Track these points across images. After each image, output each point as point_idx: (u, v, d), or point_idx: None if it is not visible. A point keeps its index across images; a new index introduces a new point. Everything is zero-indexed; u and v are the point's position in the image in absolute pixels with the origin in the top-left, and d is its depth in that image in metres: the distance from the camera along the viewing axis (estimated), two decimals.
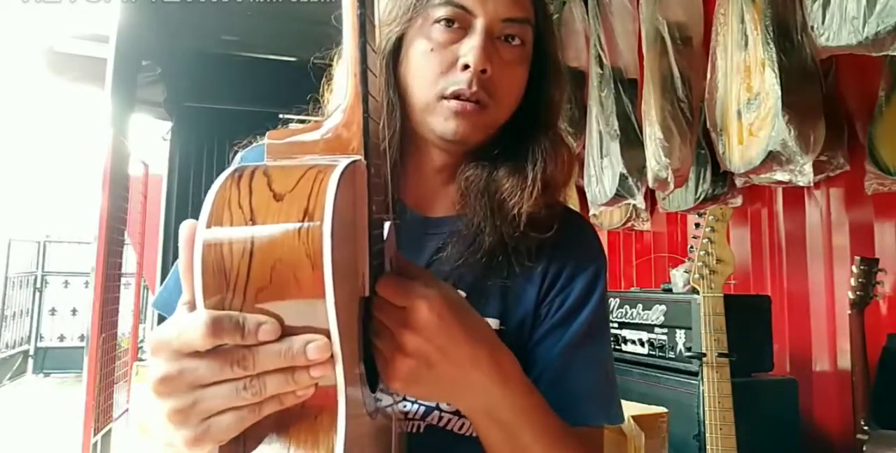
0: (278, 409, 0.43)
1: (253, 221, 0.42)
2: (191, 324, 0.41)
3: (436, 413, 0.72)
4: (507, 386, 0.60)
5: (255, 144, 0.78)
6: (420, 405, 0.72)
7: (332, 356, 0.42)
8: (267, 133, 0.50)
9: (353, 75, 0.49)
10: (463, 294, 0.72)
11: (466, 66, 0.70)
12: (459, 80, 0.70)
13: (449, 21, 0.71)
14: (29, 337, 7.39)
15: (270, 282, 0.41)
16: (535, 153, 0.76)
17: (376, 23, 0.53)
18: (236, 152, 0.79)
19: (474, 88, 0.70)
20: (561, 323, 0.75)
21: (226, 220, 0.42)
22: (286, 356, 0.41)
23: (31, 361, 7.33)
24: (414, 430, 0.72)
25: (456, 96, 0.70)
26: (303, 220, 0.41)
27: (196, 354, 0.42)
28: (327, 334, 0.42)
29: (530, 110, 0.78)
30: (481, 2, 0.71)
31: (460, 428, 0.72)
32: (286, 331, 0.42)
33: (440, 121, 0.72)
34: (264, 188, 0.43)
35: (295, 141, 0.50)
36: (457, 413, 0.72)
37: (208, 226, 0.42)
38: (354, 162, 0.47)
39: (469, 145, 0.75)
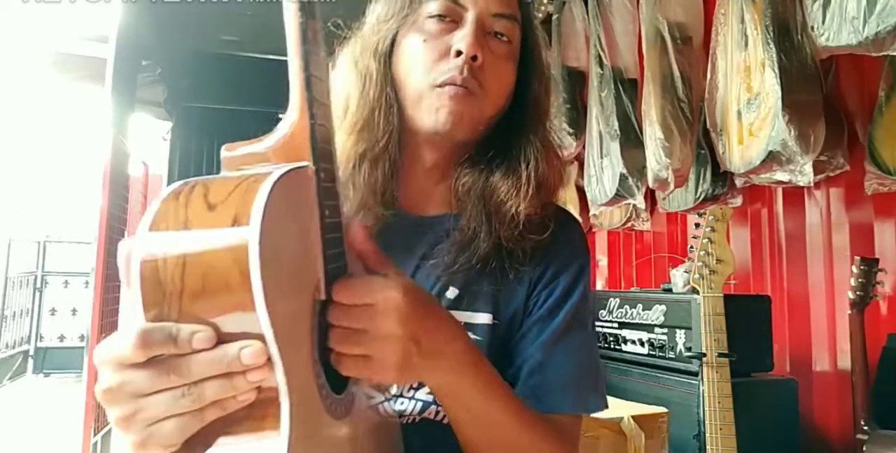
0: (221, 414, 0.44)
1: (186, 231, 0.43)
2: (124, 337, 0.43)
3: (433, 408, 0.73)
4: (478, 367, 0.63)
5: None
6: (417, 401, 0.73)
7: (269, 360, 0.42)
8: (223, 146, 0.51)
9: (300, 82, 0.49)
10: (455, 292, 0.76)
11: (459, 53, 0.73)
12: (451, 67, 0.73)
13: (441, 16, 0.75)
14: (29, 337, 7.39)
15: (203, 290, 0.42)
16: (527, 153, 0.78)
17: (319, 29, 0.53)
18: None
19: (465, 74, 0.72)
20: (545, 316, 0.77)
21: (161, 232, 0.43)
22: (221, 362, 0.42)
23: (31, 361, 7.33)
24: (409, 421, 0.73)
25: (448, 84, 0.73)
26: (231, 226, 0.42)
27: (136, 365, 0.44)
28: (262, 339, 0.42)
29: (519, 110, 0.80)
30: None
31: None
32: (223, 338, 0.42)
33: (431, 113, 0.74)
34: (200, 199, 0.44)
35: (248, 152, 0.50)
36: None
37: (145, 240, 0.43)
38: (298, 168, 0.47)
39: (457, 139, 0.76)
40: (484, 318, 0.76)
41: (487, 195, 0.76)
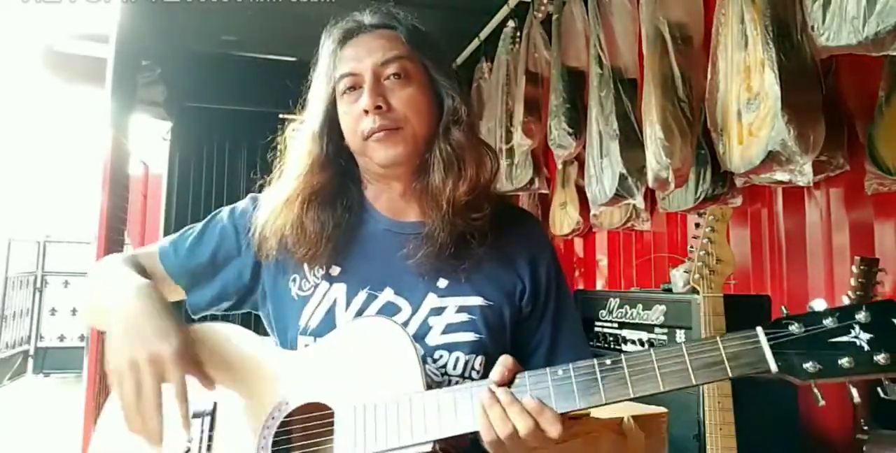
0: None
1: None
2: None
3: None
4: None
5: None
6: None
7: None
8: None
9: None
10: (446, 282, 0.95)
11: (366, 111, 0.93)
12: (368, 122, 0.94)
13: (351, 88, 0.96)
14: (29, 337, 7.39)
15: None
16: (433, 164, 0.95)
17: None
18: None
19: (377, 124, 0.93)
20: (542, 306, 0.99)
21: None
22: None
23: (31, 361, 7.34)
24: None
25: (371, 134, 0.93)
26: None
27: None
28: None
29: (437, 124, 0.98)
30: (361, 62, 0.95)
31: None
32: None
33: (375, 155, 0.95)
34: None
35: None
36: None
37: None
38: None
39: (411, 163, 0.96)
40: (476, 301, 0.95)
41: (429, 192, 0.96)
